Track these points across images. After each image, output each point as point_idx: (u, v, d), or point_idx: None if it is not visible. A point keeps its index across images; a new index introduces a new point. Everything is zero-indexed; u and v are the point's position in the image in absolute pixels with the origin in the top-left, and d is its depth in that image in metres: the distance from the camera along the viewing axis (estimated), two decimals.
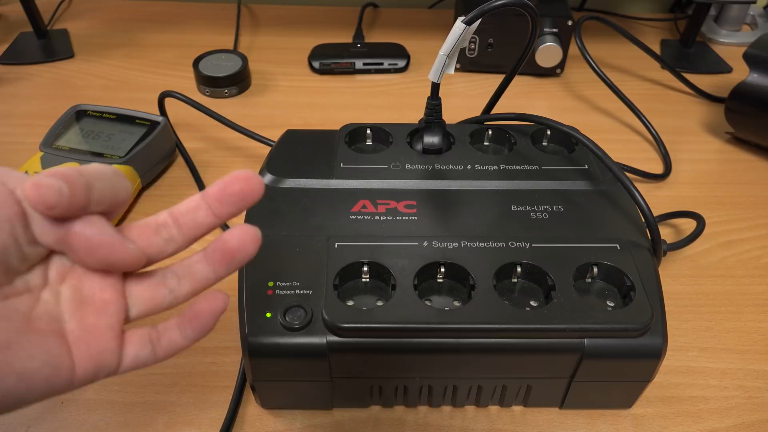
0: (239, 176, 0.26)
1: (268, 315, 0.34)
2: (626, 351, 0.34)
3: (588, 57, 0.68)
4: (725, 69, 0.78)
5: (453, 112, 0.58)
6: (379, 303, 0.35)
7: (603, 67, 0.71)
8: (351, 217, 0.40)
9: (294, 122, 0.66)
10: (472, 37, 0.73)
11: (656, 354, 0.34)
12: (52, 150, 0.52)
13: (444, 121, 0.46)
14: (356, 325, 0.33)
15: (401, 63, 0.76)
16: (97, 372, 0.24)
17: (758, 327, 0.45)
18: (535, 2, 0.73)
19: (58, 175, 0.22)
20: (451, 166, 0.44)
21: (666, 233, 0.53)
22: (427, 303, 0.35)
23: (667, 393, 0.40)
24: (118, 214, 0.27)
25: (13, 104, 0.67)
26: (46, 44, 0.78)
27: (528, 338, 0.33)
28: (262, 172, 0.43)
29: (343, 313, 0.33)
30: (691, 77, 0.74)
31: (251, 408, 0.39)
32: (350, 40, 0.81)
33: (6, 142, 0.61)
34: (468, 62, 0.76)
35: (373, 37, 0.84)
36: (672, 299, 0.46)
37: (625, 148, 0.64)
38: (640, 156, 0.63)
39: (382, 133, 0.47)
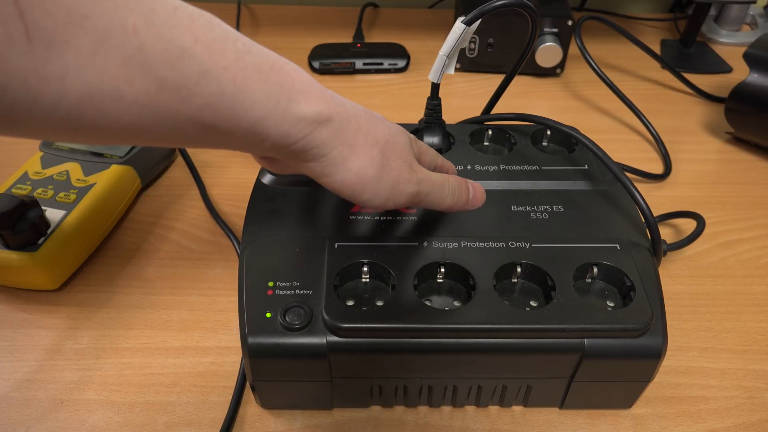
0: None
1: (268, 315, 0.34)
2: (626, 351, 0.34)
3: (588, 57, 0.68)
4: (725, 69, 0.78)
5: (453, 112, 0.58)
6: (379, 303, 0.35)
7: (603, 67, 0.71)
8: (351, 217, 0.40)
9: None
10: (472, 37, 0.73)
11: (656, 354, 0.34)
12: (52, 150, 0.52)
13: (444, 122, 0.46)
14: (356, 325, 0.33)
15: (401, 63, 0.76)
16: None
17: (758, 327, 0.45)
18: (535, 2, 0.73)
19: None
20: None
21: (666, 233, 0.53)
22: (427, 303, 0.35)
23: (667, 393, 0.40)
24: None
25: None
26: None
27: (528, 338, 0.33)
28: (262, 172, 0.43)
29: (343, 313, 0.33)
30: (691, 77, 0.74)
31: (251, 408, 0.39)
32: (350, 40, 0.81)
33: (6, 141, 0.61)
34: (468, 62, 0.76)
35: (373, 37, 0.84)
36: (672, 299, 0.46)
37: (625, 148, 0.64)
38: (640, 156, 0.63)
39: None
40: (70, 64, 0.21)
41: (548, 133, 0.47)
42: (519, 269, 0.36)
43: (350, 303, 0.35)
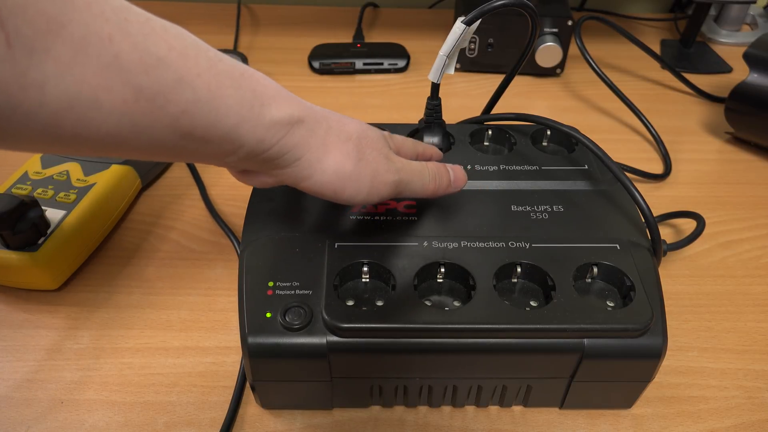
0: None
1: (268, 315, 0.34)
2: (626, 351, 0.34)
3: (588, 57, 0.68)
4: (725, 69, 0.78)
5: (453, 112, 0.58)
6: (379, 303, 0.35)
7: (603, 67, 0.71)
8: (351, 218, 0.40)
9: None
10: (472, 37, 0.73)
11: (656, 354, 0.34)
12: None
13: (444, 122, 0.46)
14: (356, 325, 0.33)
15: (401, 63, 0.76)
16: None
17: (758, 327, 0.45)
18: (535, 2, 0.73)
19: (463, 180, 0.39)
20: None
21: (666, 233, 0.53)
22: (427, 303, 0.35)
23: (667, 393, 0.40)
24: None
25: None
26: None
27: (528, 338, 0.33)
28: None
29: (343, 313, 0.33)
30: (691, 77, 0.74)
31: (251, 408, 0.39)
32: (350, 40, 0.81)
33: None
34: (468, 62, 0.76)
35: (373, 37, 0.84)
36: (672, 299, 0.46)
37: (625, 148, 0.64)
38: (640, 156, 0.63)
39: None
40: (49, 73, 0.21)
41: (548, 133, 0.47)
42: (519, 269, 0.36)
43: (350, 303, 0.35)
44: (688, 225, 0.52)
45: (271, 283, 0.35)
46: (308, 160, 0.31)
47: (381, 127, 0.47)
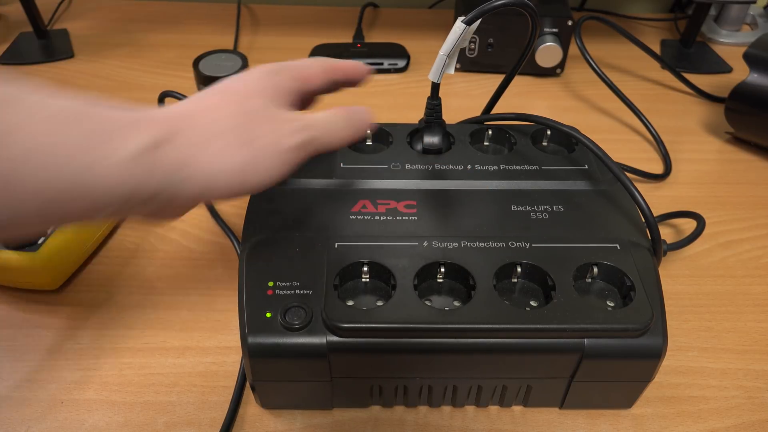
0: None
1: (268, 315, 0.34)
2: (626, 351, 0.34)
3: (588, 57, 0.68)
4: (725, 69, 0.78)
5: (453, 112, 0.58)
6: (379, 303, 0.35)
7: (603, 67, 0.71)
8: (351, 217, 0.40)
9: None
10: (472, 37, 0.73)
11: (656, 354, 0.34)
12: None
13: (444, 121, 0.46)
14: (356, 325, 0.33)
15: (401, 63, 0.76)
16: None
17: (758, 327, 0.45)
18: (535, 2, 0.73)
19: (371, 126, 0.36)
20: (451, 166, 0.44)
21: (666, 233, 0.53)
22: (427, 303, 0.35)
23: (667, 393, 0.40)
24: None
25: None
26: (46, 44, 0.78)
27: (528, 338, 0.33)
28: None
29: (343, 313, 0.33)
30: (691, 77, 0.74)
31: (251, 408, 0.39)
32: (350, 40, 0.81)
33: None
34: (468, 62, 0.76)
35: (373, 37, 0.84)
36: (672, 299, 0.46)
37: (625, 148, 0.64)
38: (640, 156, 0.63)
39: (383, 133, 0.47)
40: None
41: (548, 133, 0.47)
42: (519, 269, 0.36)
43: (350, 303, 0.35)
44: (688, 225, 0.52)
45: (271, 283, 0.35)
46: (197, 173, 0.27)
47: (381, 127, 0.47)
